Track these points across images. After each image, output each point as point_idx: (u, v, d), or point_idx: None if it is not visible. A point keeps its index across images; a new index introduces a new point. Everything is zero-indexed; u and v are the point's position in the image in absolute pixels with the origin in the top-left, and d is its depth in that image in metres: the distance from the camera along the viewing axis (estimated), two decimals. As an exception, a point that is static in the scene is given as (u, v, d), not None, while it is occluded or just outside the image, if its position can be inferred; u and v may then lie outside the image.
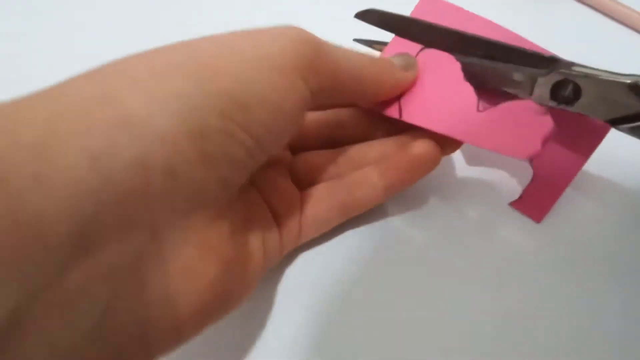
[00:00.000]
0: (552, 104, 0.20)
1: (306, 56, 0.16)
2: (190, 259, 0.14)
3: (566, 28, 0.32)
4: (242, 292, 0.17)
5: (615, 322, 0.20)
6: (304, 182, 0.21)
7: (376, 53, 0.23)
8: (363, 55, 0.19)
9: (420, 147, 0.20)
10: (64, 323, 0.11)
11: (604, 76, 0.19)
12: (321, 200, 0.21)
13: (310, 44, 0.16)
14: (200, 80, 0.13)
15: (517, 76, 0.20)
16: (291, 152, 0.22)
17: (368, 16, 0.22)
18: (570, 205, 0.23)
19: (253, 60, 0.14)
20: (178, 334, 0.14)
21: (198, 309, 0.14)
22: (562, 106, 0.20)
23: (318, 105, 0.18)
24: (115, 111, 0.12)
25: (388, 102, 0.21)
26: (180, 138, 0.13)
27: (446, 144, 0.20)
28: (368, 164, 0.21)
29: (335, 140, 0.22)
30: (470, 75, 0.20)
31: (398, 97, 0.21)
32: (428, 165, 0.20)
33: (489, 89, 0.21)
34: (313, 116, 0.22)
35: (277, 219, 0.20)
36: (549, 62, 0.20)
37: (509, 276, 0.22)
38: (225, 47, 0.15)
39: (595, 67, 0.19)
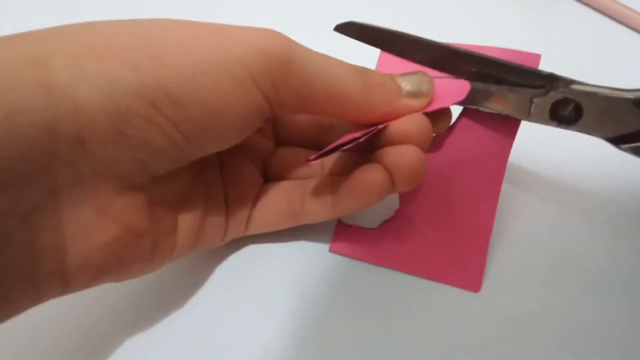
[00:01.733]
0: (553, 124, 0.18)
1: (271, 72, 0.15)
2: (87, 220, 0.14)
3: (566, 28, 0.32)
4: (151, 261, 0.17)
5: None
6: (274, 175, 0.21)
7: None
8: (355, 75, 0.17)
9: (370, 174, 0.17)
10: None
11: (607, 93, 0.17)
12: (276, 200, 0.20)
13: (280, 59, 0.15)
14: (138, 68, 0.13)
15: (512, 97, 0.19)
16: (276, 143, 0.22)
17: (349, 30, 0.20)
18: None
19: (207, 63, 0.14)
20: (65, 281, 0.15)
21: (88, 265, 0.15)
22: (564, 126, 0.18)
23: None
24: (39, 73, 0.12)
25: None
26: (98, 115, 0.13)
27: (401, 179, 0.17)
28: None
29: (321, 142, 0.21)
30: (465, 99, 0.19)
31: None
32: (375, 194, 0.17)
33: (483, 112, 0.19)
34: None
35: (229, 205, 0.19)
36: (546, 80, 0.18)
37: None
38: (185, 42, 0.14)
39: (596, 84, 0.18)
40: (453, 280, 0.20)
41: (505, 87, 0.19)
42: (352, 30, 0.20)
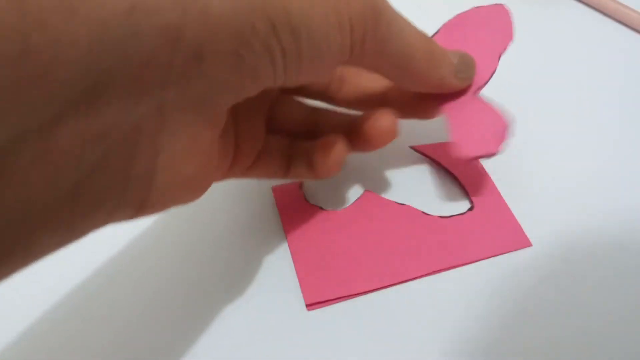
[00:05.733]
0: None
1: (366, 19, 0.15)
2: (179, 149, 0.13)
3: (566, 28, 0.32)
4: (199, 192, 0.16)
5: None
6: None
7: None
8: (425, 43, 0.17)
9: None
10: (45, 178, 0.10)
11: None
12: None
13: (374, 9, 0.15)
14: None
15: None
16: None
17: None
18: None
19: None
20: (137, 212, 0.14)
21: (165, 197, 0.14)
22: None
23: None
24: None
25: None
26: (224, 30, 0.12)
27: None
28: None
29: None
30: None
31: None
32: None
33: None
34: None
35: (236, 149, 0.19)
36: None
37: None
38: None
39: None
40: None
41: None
42: None
